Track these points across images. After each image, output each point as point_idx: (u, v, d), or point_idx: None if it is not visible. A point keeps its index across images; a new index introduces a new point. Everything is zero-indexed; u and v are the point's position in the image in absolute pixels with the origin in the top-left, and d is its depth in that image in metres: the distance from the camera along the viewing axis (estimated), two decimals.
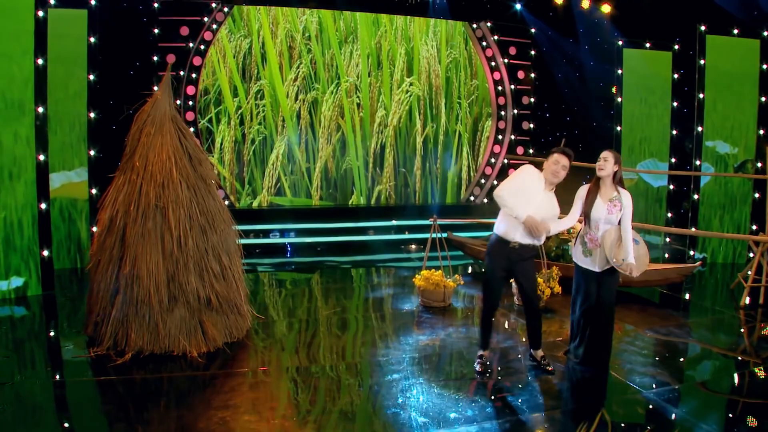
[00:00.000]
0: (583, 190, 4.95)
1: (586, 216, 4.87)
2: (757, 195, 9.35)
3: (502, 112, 11.54)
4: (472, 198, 11.65)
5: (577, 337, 5.10)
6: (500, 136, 11.59)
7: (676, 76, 10.18)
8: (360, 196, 11.18)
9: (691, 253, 9.59)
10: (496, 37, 11.21)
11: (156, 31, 9.51)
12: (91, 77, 8.07)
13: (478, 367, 4.85)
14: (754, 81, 9.37)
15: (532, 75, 11.43)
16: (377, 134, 11.16)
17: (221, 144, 10.41)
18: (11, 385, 4.58)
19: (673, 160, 10.32)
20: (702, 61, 9.28)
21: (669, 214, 10.45)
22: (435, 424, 3.97)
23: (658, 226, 9.64)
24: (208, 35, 9.95)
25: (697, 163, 9.45)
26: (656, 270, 7.22)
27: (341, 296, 7.54)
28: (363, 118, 11.08)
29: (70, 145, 8.03)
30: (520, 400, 4.37)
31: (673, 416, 4.19)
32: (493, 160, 11.59)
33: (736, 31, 9.32)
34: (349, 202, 11.13)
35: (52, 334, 6.05)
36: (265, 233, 10.13)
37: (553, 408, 4.30)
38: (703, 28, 9.25)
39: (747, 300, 7.13)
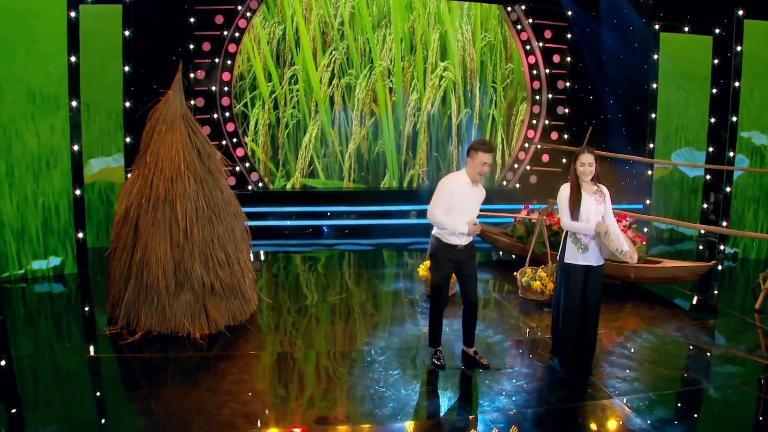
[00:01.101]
0: (565, 191, 5.07)
1: (575, 213, 4.97)
2: None
3: (537, 97, 11.48)
4: (504, 182, 11.71)
5: (561, 338, 5.24)
6: (534, 121, 11.56)
7: (716, 61, 9.84)
8: (392, 179, 11.46)
9: (722, 247, 9.38)
10: (531, 21, 11.11)
11: (192, 20, 10.01)
12: (126, 69, 8.65)
13: (438, 362, 5.11)
14: None
15: (568, 59, 11.29)
16: (410, 118, 11.36)
17: (256, 127, 10.89)
18: (29, 357, 5.23)
19: (710, 149, 10.05)
20: (739, 48, 8.95)
21: (705, 205, 10.22)
22: (392, 418, 4.30)
23: (659, 218, 9.34)
24: (242, 23, 10.36)
25: (731, 154, 9.18)
26: (668, 268, 7.19)
27: (353, 281, 7.91)
28: (396, 103, 11.29)
29: (107, 132, 8.67)
30: (475, 397, 4.64)
31: (630, 426, 4.29)
32: (526, 144, 11.59)
33: None
34: (381, 185, 11.44)
35: (80, 310, 6.74)
36: (298, 215, 10.61)
37: (511, 408, 4.53)
38: (741, 12, 8.90)
39: (759, 303, 6.89)
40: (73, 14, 7.19)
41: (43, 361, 5.22)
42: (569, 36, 11.20)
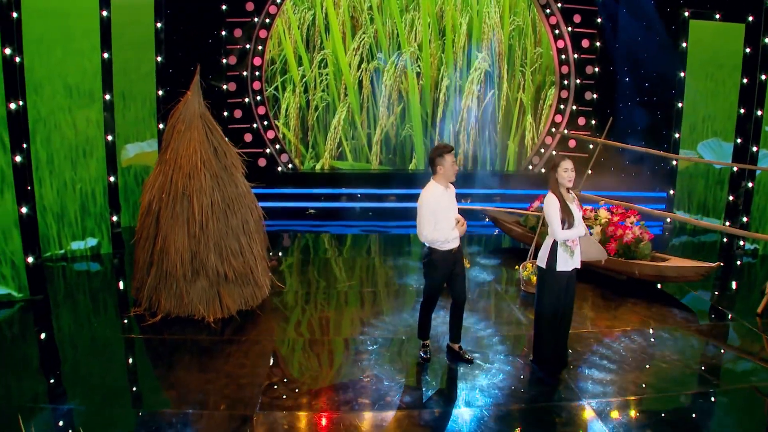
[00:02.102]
0: (554, 203, 5.19)
1: (569, 223, 5.16)
2: None
3: (565, 81, 11.52)
4: (530, 167, 11.88)
5: (542, 342, 5.52)
6: (562, 106, 11.62)
7: (748, 50, 9.64)
8: (419, 162, 11.79)
9: (741, 243, 9.36)
10: (560, 5, 11.10)
11: (224, 7, 10.46)
12: (159, 59, 9.21)
13: (425, 356, 5.53)
14: None
15: (597, 44, 11.25)
16: (438, 102, 11.61)
17: (286, 110, 11.37)
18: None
19: (738, 140, 9.95)
20: (767, 39, 8.80)
21: (730, 197, 10.17)
22: (368, 406, 4.79)
23: (664, 212, 9.34)
24: (272, 9, 10.76)
25: (754, 149, 9.11)
26: (671, 267, 7.30)
27: (365, 267, 8.38)
28: (423, 87, 11.55)
29: (142, 119, 9.30)
30: (455, 392, 5.07)
31: (590, 430, 4.62)
32: (553, 129, 11.69)
33: None
34: (409, 168, 11.80)
35: (113, 288, 7.50)
36: (327, 197, 11.08)
37: (478, 404, 4.94)
38: None
39: (761, 307, 6.84)
40: (105, 13, 7.76)
41: (81, 334, 6.15)
42: (599, 20, 11.14)
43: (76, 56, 7.67)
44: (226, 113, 10.72)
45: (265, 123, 11.13)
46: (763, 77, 8.85)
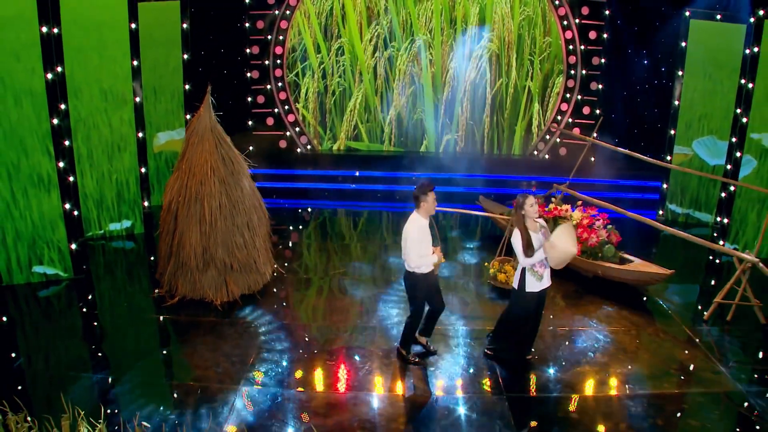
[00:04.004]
0: (518, 236, 6.13)
1: (530, 254, 6.12)
2: None
3: (572, 71, 12.25)
4: (535, 152, 12.78)
5: (504, 341, 6.66)
6: (568, 95, 12.38)
7: (747, 51, 10.14)
8: (429, 144, 12.85)
9: (721, 243, 10.09)
10: None
11: (246, 1, 11.58)
12: (185, 56, 10.48)
13: (415, 359, 6.64)
14: None
15: (605, 36, 11.88)
16: (448, 88, 12.54)
17: (306, 95, 12.54)
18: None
19: (733, 139, 10.56)
20: (756, 49, 9.35)
21: (723, 194, 10.83)
22: (344, 387, 6.15)
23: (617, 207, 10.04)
24: (292, 1, 11.80)
25: (738, 154, 9.77)
26: (629, 270, 8.21)
27: (359, 253, 9.65)
28: (435, 73, 12.48)
29: (171, 111, 10.67)
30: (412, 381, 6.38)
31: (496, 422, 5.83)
32: (559, 117, 12.50)
33: None
34: (420, 149, 12.88)
35: (145, 268, 9.00)
36: (344, 178, 12.30)
37: (421, 393, 6.22)
38: (761, 12, 9.22)
39: (708, 314, 7.65)
40: (133, 26, 9.03)
41: (114, 311, 7.84)
42: (607, 13, 11.75)
43: (109, 63, 9.00)
44: (249, 99, 11.99)
45: (286, 108, 12.36)
46: (751, 86, 9.43)
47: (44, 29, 7.61)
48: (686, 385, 6.43)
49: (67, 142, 8.29)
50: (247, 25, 11.72)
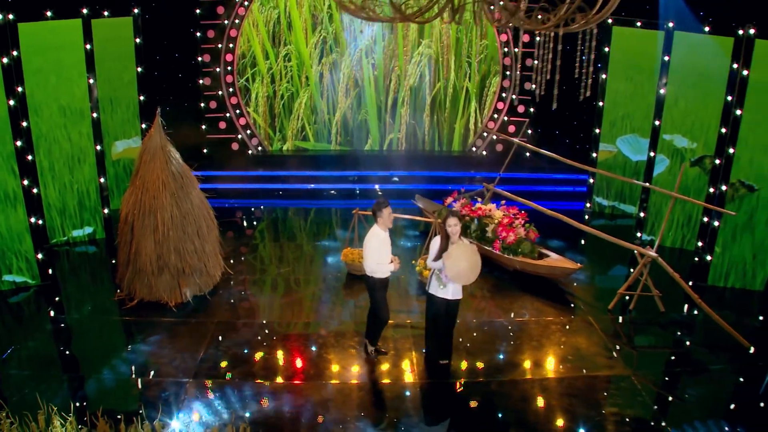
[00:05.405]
0: (437, 242, 7.12)
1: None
2: (711, 189, 9.97)
3: (507, 72, 13.40)
4: (474, 149, 13.97)
5: (428, 337, 7.64)
6: (504, 94, 13.55)
7: (666, 58, 11.09)
8: (374, 143, 13.96)
9: (639, 234, 11.35)
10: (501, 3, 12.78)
11: (198, 11, 12.50)
12: (139, 69, 11.43)
13: (378, 351, 7.73)
14: (723, 80, 9.78)
15: (537, 38, 12.97)
16: (391, 90, 13.63)
17: (256, 99, 13.54)
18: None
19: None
20: (666, 57, 10.52)
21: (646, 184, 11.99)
22: (289, 377, 7.32)
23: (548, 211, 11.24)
24: (241, 11, 12.75)
25: (651, 154, 11.01)
26: (542, 265, 9.42)
27: (302, 253, 10.77)
28: (377, 76, 13.55)
29: (127, 120, 11.64)
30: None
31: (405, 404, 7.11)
32: (495, 116, 13.67)
33: (707, 29, 10.17)
34: (364, 148, 13.99)
35: (106, 271, 10.02)
36: (296, 179, 13.35)
37: (349, 379, 7.41)
38: (671, 24, 10.37)
39: (612, 304, 8.81)
40: (88, 47, 9.96)
41: (78, 313, 8.79)
42: (540, 17, 12.83)
43: (67, 83, 9.94)
44: (202, 104, 12.97)
45: (237, 112, 13.37)
46: (662, 91, 10.63)
47: (5, 60, 8.53)
48: (581, 369, 7.58)
49: (30, 157, 9.27)
50: (198, 34, 12.64)
